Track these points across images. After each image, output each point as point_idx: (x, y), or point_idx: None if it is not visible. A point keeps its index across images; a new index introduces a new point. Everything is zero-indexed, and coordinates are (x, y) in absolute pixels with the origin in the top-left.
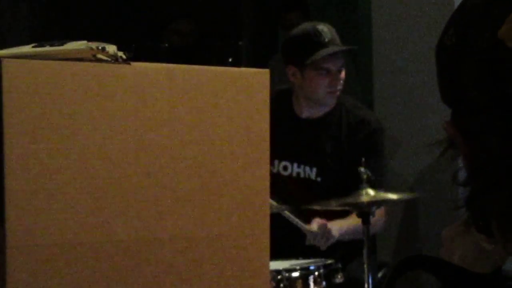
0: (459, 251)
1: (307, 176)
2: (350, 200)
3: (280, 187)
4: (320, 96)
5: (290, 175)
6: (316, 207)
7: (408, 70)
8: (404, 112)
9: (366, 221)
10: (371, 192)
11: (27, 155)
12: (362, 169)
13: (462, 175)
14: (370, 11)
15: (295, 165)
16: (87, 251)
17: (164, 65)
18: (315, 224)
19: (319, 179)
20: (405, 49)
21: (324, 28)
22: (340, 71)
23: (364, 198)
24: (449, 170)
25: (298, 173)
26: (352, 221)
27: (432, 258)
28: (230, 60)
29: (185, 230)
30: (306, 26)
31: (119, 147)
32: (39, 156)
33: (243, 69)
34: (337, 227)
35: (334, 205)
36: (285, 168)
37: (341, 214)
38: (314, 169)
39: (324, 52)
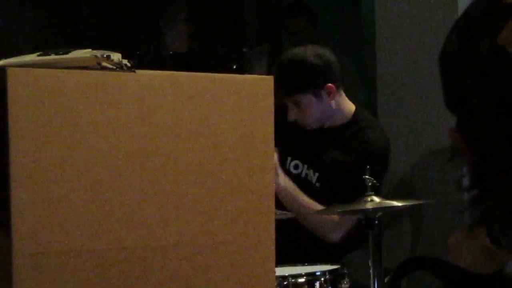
0: (466, 255)
1: (310, 179)
2: (354, 206)
3: None
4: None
5: (299, 175)
6: (322, 214)
7: (412, 76)
8: (409, 118)
9: (371, 227)
10: (376, 199)
11: (33, 163)
12: (366, 177)
13: (466, 180)
14: (374, 17)
15: (305, 166)
16: (92, 258)
17: (168, 72)
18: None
19: (318, 184)
20: (409, 55)
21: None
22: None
23: (369, 205)
24: (454, 176)
25: (306, 174)
26: (308, 199)
27: (433, 259)
28: (234, 67)
29: (190, 236)
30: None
31: (123, 154)
32: (44, 164)
33: (247, 75)
34: (285, 179)
35: (338, 212)
36: (296, 166)
37: None
38: (316, 174)
39: None
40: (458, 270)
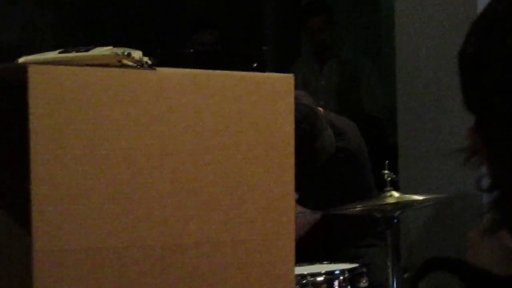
0: (485, 253)
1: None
2: (374, 202)
3: None
4: None
5: None
6: (342, 212)
7: (432, 75)
8: (428, 115)
9: (389, 225)
10: (395, 194)
11: (53, 161)
12: (385, 172)
13: (486, 181)
14: (393, 15)
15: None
16: (112, 256)
17: (189, 70)
18: None
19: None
20: (429, 53)
21: None
22: None
23: (388, 201)
24: (474, 173)
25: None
26: None
27: (454, 259)
28: (254, 65)
29: (210, 235)
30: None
31: (144, 152)
32: (64, 162)
33: (267, 74)
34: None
35: (358, 210)
36: None
37: None
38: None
39: None
40: (480, 272)
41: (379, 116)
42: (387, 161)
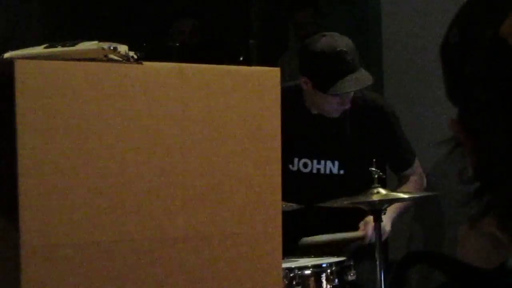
0: (472, 246)
1: (328, 171)
2: (361, 198)
3: (300, 184)
4: (326, 110)
5: (311, 172)
6: (329, 205)
7: (418, 64)
8: (414, 107)
9: (378, 219)
10: (382, 191)
11: (40, 155)
12: (373, 169)
13: (468, 172)
14: (380, 9)
15: (315, 161)
16: (100, 250)
17: (175, 64)
18: (369, 227)
19: (342, 171)
20: (415, 43)
21: (346, 55)
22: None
23: (376, 197)
24: (458, 168)
25: (318, 169)
26: (396, 206)
27: (435, 253)
28: (240, 58)
29: (198, 228)
30: (326, 45)
31: (131, 146)
32: (51, 156)
33: (254, 67)
34: (388, 221)
35: (346, 204)
36: (305, 165)
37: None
38: (336, 163)
39: (341, 88)
40: (461, 265)
41: None
42: (375, 159)
